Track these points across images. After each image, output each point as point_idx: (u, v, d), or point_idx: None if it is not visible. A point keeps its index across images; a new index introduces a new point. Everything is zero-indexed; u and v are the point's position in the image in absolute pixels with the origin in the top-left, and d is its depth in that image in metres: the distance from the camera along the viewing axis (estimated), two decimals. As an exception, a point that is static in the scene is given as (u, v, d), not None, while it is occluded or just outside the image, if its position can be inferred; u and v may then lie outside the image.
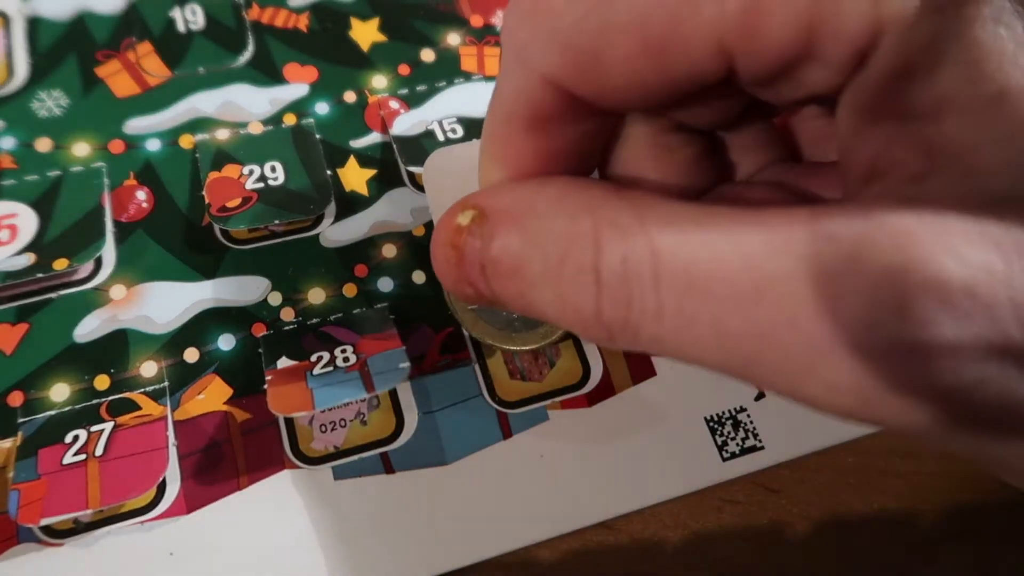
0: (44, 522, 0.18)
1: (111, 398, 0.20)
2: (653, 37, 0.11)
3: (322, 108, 0.24)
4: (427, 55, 0.26)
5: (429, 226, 0.23)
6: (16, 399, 0.20)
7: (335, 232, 0.23)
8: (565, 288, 0.12)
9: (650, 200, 0.12)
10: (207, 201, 0.22)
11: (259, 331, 0.21)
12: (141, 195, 0.22)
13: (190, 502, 0.19)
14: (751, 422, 0.21)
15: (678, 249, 0.11)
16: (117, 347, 0.20)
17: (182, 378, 0.20)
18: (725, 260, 0.11)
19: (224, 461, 0.20)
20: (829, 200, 0.14)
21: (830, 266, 0.10)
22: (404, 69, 0.25)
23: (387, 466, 0.20)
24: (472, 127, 0.24)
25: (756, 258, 0.11)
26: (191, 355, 0.21)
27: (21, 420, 0.19)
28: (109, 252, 0.22)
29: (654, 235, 0.11)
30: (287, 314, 0.21)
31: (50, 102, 0.23)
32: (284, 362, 0.20)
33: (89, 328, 0.21)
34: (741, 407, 0.22)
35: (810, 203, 0.14)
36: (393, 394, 0.21)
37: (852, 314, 0.10)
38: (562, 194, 0.13)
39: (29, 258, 0.21)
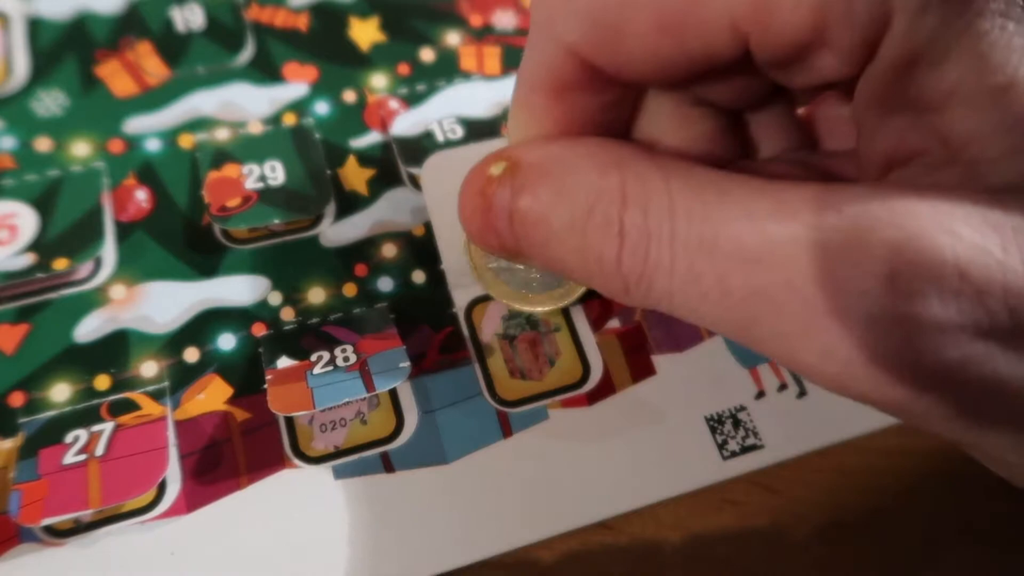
0: (45, 522, 0.18)
1: (112, 398, 0.20)
2: (669, 15, 0.12)
3: (322, 108, 0.24)
4: (427, 54, 0.26)
5: (429, 226, 0.23)
6: (17, 399, 0.20)
7: (335, 232, 0.23)
8: (590, 238, 0.13)
9: (675, 162, 0.13)
10: (207, 201, 0.22)
11: (259, 331, 0.21)
12: (141, 195, 0.22)
13: (190, 502, 0.19)
14: (751, 421, 0.21)
15: (693, 208, 0.12)
16: (117, 347, 0.20)
17: (182, 378, 0.20)
18: (734, 221, 0.11)
19: (224, 461, 0.20)
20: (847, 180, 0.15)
21: (831, 236, 0.10)
22: (404, 68, 0.25)
23: (387, 465, 0.20)
24: (472, 127, 0.24)
25: (762, 221, 0.11)
26: (191, 355, 0.21)
27: (22, 420, 0.19)
28: (109, 252, 0.22)
29: (675, 193, 0.12)
30: (287, 314, 0.21)
31: (49, 102, 0.23)
32: (284, 362, 0.20)
33: (89, 328, 0.21)
34: (741, 406, 0.22)
35: (826, 181, 0.15)
36: (393, 393, 0.21)
37: (846, 282, 0.10)
38: (592, 151, 0.13)
39: (29, 258, 0.21)
